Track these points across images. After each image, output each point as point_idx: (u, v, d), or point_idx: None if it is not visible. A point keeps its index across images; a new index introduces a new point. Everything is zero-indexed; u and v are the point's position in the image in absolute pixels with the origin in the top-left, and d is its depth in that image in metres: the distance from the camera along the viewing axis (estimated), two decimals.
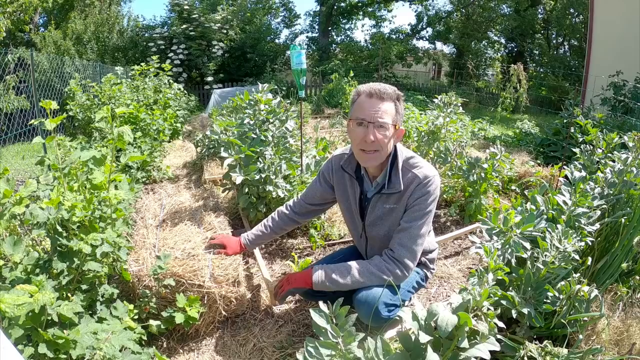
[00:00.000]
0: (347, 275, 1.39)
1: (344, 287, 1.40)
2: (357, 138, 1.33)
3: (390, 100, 1.32)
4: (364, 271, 1.40)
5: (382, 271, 1.38)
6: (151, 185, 3.36)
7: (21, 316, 1.07)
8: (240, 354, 1.57)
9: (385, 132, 1.31)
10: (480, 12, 15.08)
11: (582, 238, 1.50)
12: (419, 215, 1.38)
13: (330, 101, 7.82)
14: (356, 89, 1.39)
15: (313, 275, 1.42)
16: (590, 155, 2.61)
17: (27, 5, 6.71)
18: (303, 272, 1.48)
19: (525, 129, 5.69)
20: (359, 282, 1.39)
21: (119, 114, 1.46)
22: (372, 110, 1.30)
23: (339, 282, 1.39)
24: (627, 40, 7.28)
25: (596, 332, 1.42)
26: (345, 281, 1.39)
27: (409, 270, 1.40)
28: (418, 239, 1.38)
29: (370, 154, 1.34)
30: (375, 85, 1.33)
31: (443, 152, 3.01)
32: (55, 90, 5.43)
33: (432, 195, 1.38)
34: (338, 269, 1.42)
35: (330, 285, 1.40)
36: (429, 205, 1.38)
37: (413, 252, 1.38)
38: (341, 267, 1.42)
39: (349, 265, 1.41)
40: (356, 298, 1.40)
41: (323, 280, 1.41)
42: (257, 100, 2.40)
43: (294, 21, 16.19)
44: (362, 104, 1.33)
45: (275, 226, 1.71)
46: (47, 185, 1.58)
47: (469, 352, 0.97)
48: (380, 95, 1.31)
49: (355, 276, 1.39)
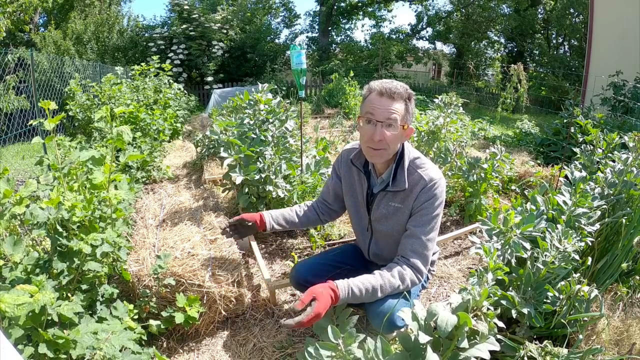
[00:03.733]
0: (370, 292, 1.34)
1: (363, 301, 1.36)
2: (365, 135, 1.34)
3: (401, 100, 1.33)
4: (386, 286, 1.35)
5: (402, 280, 1.36)
6: (151, 185, 3.36)
7: (21, 316, 1.07)
8: (240, 354, 1.57)
9: (394, 131, 1.32)
10: (480, 12, 15.08)
11: (582, 238, 1.50)
12: (427, 220, 1.38)
13: (330, 101, 7.82)
14: (368, 85, 1.39)
15: (340, 297, 1.31)
16: (591, 155, 2.61)
17: (27, 5, 6.71)
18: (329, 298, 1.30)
19: (525, 129, 5.69)
20: (378, 298, 1.36)
21: (118, 113, 1.46)
22: (381, 109, 1.31)
23: (361, 299, 1.34)
24: (627, 40, 7.28)
25: (596, 332, 1.42)
26: (366, 297, 1.34)
27: (423, 275, 1.41)
28: (428, 244, 1.39)
29: (377, 151, 1.35)
30: (387, 84, 1.33)
31: (443, 152, 3.01)
32: (55, 90, 5.43)
33: (439, 199, 1.38)
34: (363, 286, 1.34)
35: (351, 301, 1.34)
36: (435, 208, 1.38)
37: (425, 257, 1.39)
38: (366, 283, 1.34)
39: (372, 281, 1.35)
40: (371, 309, 1.38)
41: (347, 298, 1.33)
42: (257, 100, 2.40)
43: (294, 21, 16.19)
44: (372, 102, 1.33)
45: (302, 215, 1.67)
46: (47, 185, 1.58)
47: (469, 352, 0.97)
48: (390, 94, 1.31)
49: (377, 293, 1.34)
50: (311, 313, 1.23)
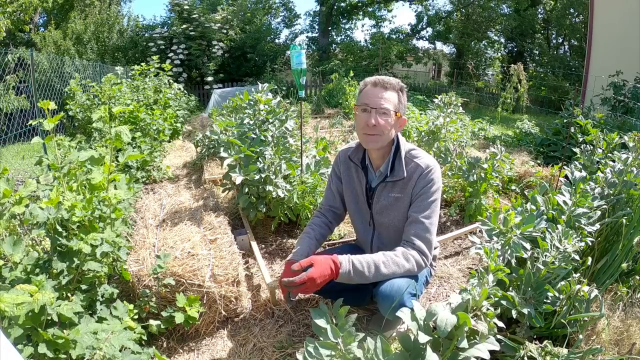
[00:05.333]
0: (372, 267, 1.33)
1: (367, 280, 1.35)
2: (361, 122, 1.43)
3: (393, 90, 1.42)
4: (389, 262, 1.35)
5: (407, 259, 1.37)
6: (151, 185, 3.36)
7: (21, 316, 1.07)
8: (240, 354, 1.56)
9: (387, 118, 1.40)
10: (480, 12, 15.08)
11: (582, 238, 1.50)
12: (426, 205, 1.43)
13: (330, 101, 7.82)
14: (363, 81, 1.49)
15: (341, 267, 1.31)
16: (591, 155, 2.61)
17: (27, 5, 6.71)
18: (328, 266, 1.31)
19: (525, 129, 5.68)
20: (382, 276, 1.35)
21: (117, 113, 1.46)
22: (375, 97, 1.40)
23: (363, 274, 1.33)
24: (627, 40, 7.28)
25: (596, 332, 1.42)
26: (369, 273, 1.33)
27: (428, 259, 1.43)
28: (430, 227, 1.43)
29: (373, 136, 1.42)
30: (381, 77, 1.45)
31: (443, 152, 3.01)
32: (55, 90, 5.42)
33: (436, 184, 1.45)
34: (365, 260, 1.34)
35: (355, 277, 1.33)
36: (433, 193, 1.44)
37: (428, 241, 1.43)
38: (367, 257, 1.35)
39: (374, 257, 1.36)
40: (379, 291, 1.36)
41: (349, 271, 1.32)
42: (257, 100, 2.40)
43: (294, 21, 16.19)
44: (367, 92, 1.44)
45: (321, 238, 1.62)
46: (46, 185, 1.58)
47: (469, 352, 0.97)
48: (383, 84, 1.42)
49: (380, 269, 1.34)
50: (304, 276, 1.27)
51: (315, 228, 1.62)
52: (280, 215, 2.37)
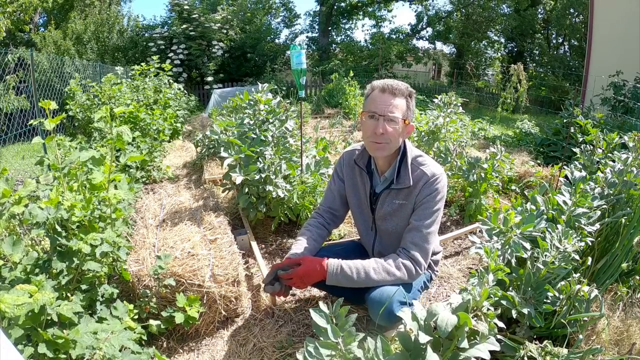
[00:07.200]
0: (362, 273, 1.37)
1: (357, 284, 1.38)
2: (368, 130, 1.39)
3: (402, 96, 1.38)
4: (379, 269, 1.38)
5: (398, 267, 1.38)
6: (151, 185, 3.35)
7: (21, 316, 1.07)
8: (240, 354, 1.56)
9: (395, 125, 1.36)
10: (480, 12, 15.07)
11: (582, 238, 1.50)
12: (428, 214, 1.42)
13: (330, 101, 7.82)
14: (370, 84, 1.44)
15: (328, 270, 1.38)
16: (591, 155, 2.61)
17: (27, 5, 6.71)
18: (315, 266, 1.38)
19: (525, 129, 5.68)
20: (373, 282, 1.38)
21: (118, 113, 1.46)
22: (383, 104, 1.36)
23: (352, 279, 1.37)
24: (627, 40, 7.28)
25: (596, 332, 1.42)
26: (359, 279, 1.37)
27: (422, 268, 1.42)
28: (429, 237, 1.42)
29: (380, 144, 1.39)
30: (389, 81, 1.39)
31: (443, 152, 3.01)
32: (55, 90, 5.43)
33: (440, 194, 1.43)
34: (355, 266, 1.39)
35: (343, 281, 1.38)
36: (437, 203, 1.42)
37: (425, 250, 1.41)
38: (358, 263, 1.39)
39: (365, 263, 1.39)
40: (369, 297, 1.39)
41: (337, 273, 1.37)
42: (257, 100, 2.40)
43: (294, 21, 16.19)
44: (374, 98, 1.39)
45: (320, 239, 1.62)
46: (47, 185, 1.58)
47: (469, 352, 0.97)
48: (392, 90, 1.37)
49: (370, 275, 1.37)
50: (290, 272, 1.37)
51: (312, 229, 1.62)
52: (280, 215, 2.37)
